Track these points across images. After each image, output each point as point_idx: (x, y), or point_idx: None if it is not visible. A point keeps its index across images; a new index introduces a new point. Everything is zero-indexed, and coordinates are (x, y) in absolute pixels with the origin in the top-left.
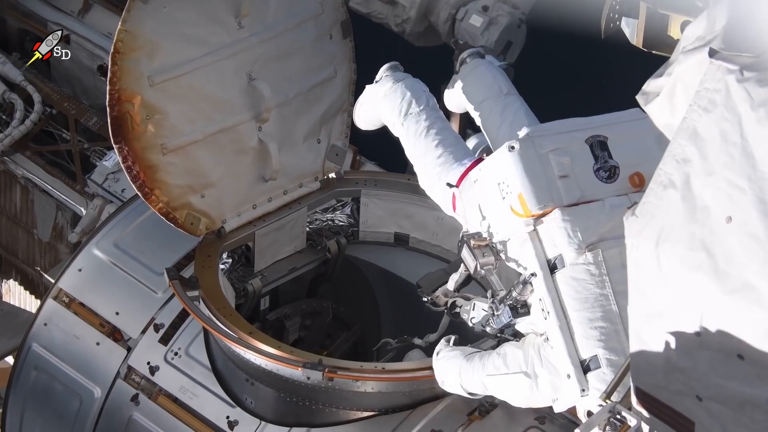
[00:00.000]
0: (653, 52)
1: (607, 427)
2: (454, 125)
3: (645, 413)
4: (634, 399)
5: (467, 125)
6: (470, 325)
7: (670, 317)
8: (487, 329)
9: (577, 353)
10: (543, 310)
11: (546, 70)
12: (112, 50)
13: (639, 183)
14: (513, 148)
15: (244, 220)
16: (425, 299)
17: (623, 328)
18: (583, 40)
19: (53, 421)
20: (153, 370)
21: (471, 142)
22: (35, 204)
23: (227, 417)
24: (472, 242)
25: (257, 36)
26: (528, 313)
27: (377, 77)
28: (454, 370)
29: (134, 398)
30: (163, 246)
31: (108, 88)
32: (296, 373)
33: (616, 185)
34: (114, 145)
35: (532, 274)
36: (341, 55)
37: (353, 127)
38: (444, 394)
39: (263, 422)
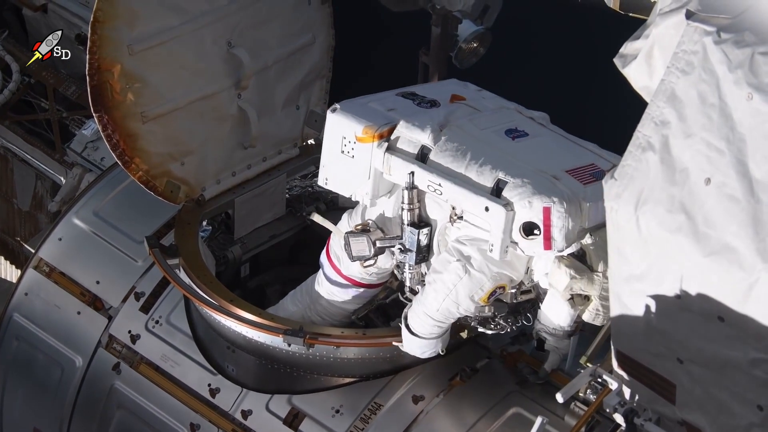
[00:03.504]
0: (630, 14)
1: (588, 390)
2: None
3: (626, 376)
4: (614, 362)
5: None
6: (402, 261)
7: (650, 280)
8: (409, 260)
9: (483, 188)
10: (436, 191)
11: (523, 34)
12: (91, 19)
13: (459, 98)
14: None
15: (224, 188)
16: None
17: (511, 152)
18: (560, 3)
19: (35, 390)
20: (134, 338)
21: None
22: (15, 173)
23: (209, 385)
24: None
25: (236, 3)
26: (428, 224)
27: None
28: (418, 311)
29: (116, 367)
30: (143, 214)
31: (87, 57)
32: (277, 339)
33: (443, 107)
34: (94, 114)
35: (411, 173)
36: (320, 21)
37: (332, 92)
38: (426, 360)
39: (245, 389)
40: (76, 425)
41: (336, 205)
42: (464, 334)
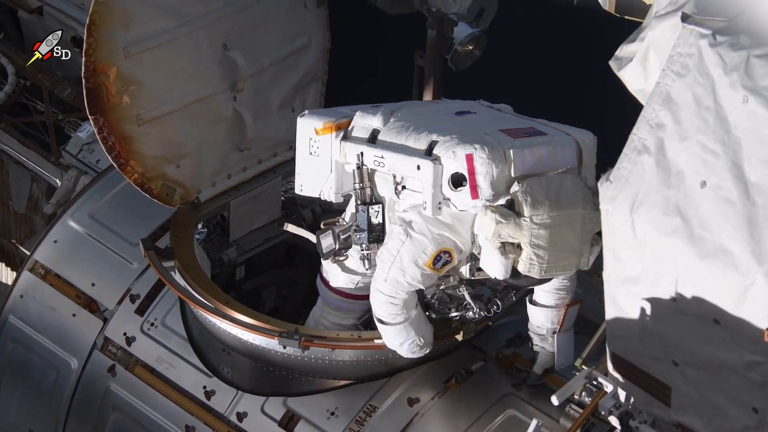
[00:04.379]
0: (626, 17)
1: (584, 393)
2: (428, 99)
3: (621, 379)
4: (610, 365)
5: (441, 93)
6: (361, 243)
7: (645, 283)
8: (362, 240)
9: (417, 151)
10: (380, 165)
11: (518, 37)
12: (87, 22)
13: None
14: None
15: (219, 190)
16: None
17: (452, 123)
18: (556, 6)
19: (30, 392)
20: (129, 340)
21: None
22: (10, 176)
23: (204, 387)
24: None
25: (232, 6)
26: (378, 201)
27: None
28: (372, 291)
29: (111, 369)
30: (139, 217)
31: (83, 59)
32: (272, 342)
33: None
34: (89, 117)
35: (360, 153)
36: (316, 23)
37: (327, 95)
38: (422, 362)
39: (240, 392)
40: (71, 427)
41: (332, 207)
42: (459, 337)
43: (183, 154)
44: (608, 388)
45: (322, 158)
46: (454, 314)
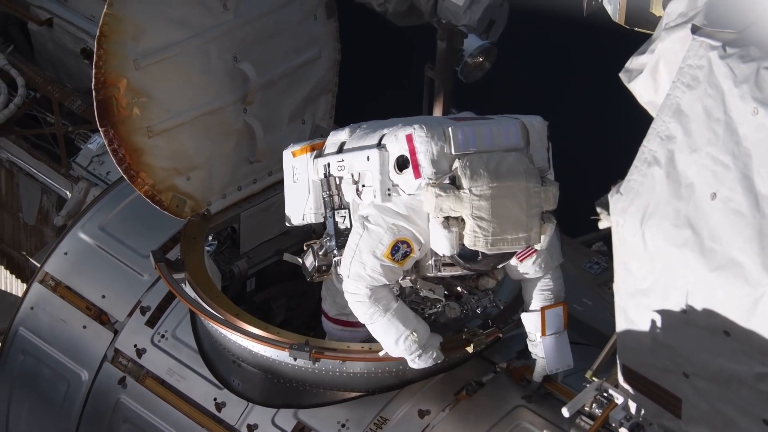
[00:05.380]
0: (635, 29)
1: (594, 405)
2: (438, 110)
3: (632, 391)
4: (620, 377)
5: (451, 104)
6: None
7: (655, 294)
8: (331, 247)
9: (369, 146)
10: (341, 168)
11: (528, 49)
12: (97, 34)
13: None
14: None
15: (230, 202)
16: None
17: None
18: (566, 18)
19: (41, 404)
20: (140, 352)
21: None
22: (20, 188)
23: (215, 399)
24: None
25: (242, 18)
26: (346, 206)
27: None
28: (350, 301)
29: (121, 381)
30: (149, 229)
31: (94, 71)
32: (283, 354)
33: None
34: (100, 129)
35: (327, 165)
36: (326, 35)
37: (338, 107)
38: (432, 374)
39: (251, 404)
40: None
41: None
42: (470, 349)
43: (193, 166)
44: (619, 399)
45: (301, 182)
46: (431, 311)
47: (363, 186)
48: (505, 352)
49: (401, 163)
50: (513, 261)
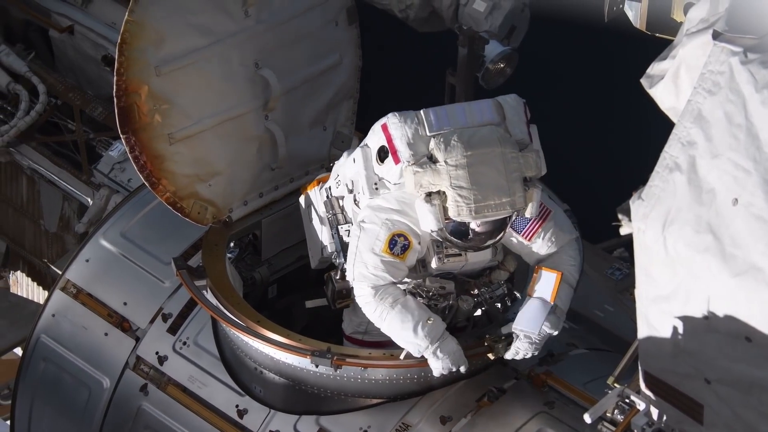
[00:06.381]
0: (657, 35)
1: (616, 411)
2: None
3: (653, 397)
4: (642, 383)
5: None
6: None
7: (677, 300)
8: (341, 265)
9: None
10: (339, 183)
11: (549, 55)
12: (118, 41)
13: None
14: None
15: (251, 209)
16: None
17: None
18: (587, 24)
19: (62, 411)
20: (162, 359)
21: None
22: (42, 195)
23: (236, 406)
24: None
25: (263, 24)
26: (349, 222)
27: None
28: (360, 304)
29: (143, 388)
30: (170, 235)
31: (115, 78)
32: (305, 361)
33: None
34: (121, 136)
35: (328, 189)
36: (347, 41)
37: (359, 113)
38: (454, 380)
39: (272, 410)
40: None
41: None
42: (491, 356)
43: (215, 173)
44: (641, 406)
45: (315, 219)
46: (443, 305)
47: (358, 193)
48: (527, 359)
49: (382, 155)
50: (523, 240)
